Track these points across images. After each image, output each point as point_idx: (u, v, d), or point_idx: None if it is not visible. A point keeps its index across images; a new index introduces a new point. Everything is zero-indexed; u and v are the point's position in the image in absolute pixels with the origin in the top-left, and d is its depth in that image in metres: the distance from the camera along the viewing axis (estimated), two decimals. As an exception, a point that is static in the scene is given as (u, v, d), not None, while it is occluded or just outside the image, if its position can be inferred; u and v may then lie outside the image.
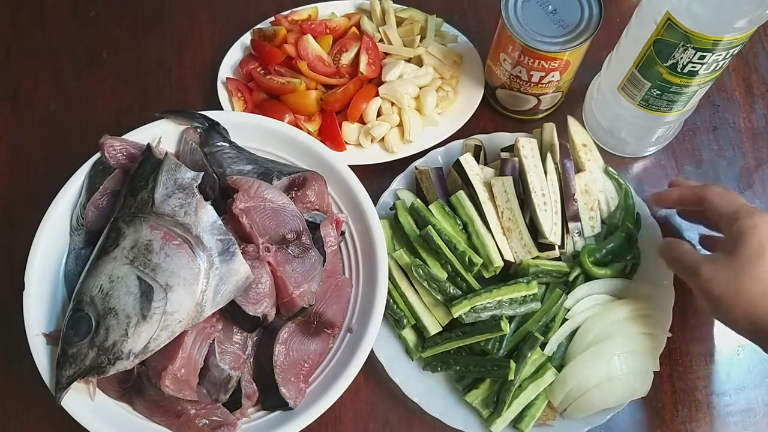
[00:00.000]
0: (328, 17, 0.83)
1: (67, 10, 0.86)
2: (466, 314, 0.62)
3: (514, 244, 0.66)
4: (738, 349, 0.70)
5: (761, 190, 0.78)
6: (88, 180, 0.64)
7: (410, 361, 0.66)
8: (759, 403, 0.68)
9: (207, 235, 0.57)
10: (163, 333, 0.54)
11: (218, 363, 0.58)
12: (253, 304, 0.58)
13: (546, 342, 0.64)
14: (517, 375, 0.61)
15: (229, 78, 0.79)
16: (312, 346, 0.62)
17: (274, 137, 0.68)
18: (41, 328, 0.59)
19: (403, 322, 0.65)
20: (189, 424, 0.58)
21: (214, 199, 0.62)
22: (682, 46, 0.60)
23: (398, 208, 0.69)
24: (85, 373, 0.54)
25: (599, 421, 0.63)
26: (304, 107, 0.76)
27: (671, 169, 0.78)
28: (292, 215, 0.63)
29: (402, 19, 0.82)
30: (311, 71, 0.77)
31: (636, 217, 0.70)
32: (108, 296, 0.55)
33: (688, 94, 0.66)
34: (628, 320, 0.65)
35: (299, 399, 0.60)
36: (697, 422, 0.67)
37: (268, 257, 0.60)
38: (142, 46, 0.84)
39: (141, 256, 0.55)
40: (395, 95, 0.75)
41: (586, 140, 0.73)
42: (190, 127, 0.67)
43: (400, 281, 0.66)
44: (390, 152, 0.76)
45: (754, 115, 0.81)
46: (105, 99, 0.81)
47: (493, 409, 0.62)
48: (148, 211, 0.58)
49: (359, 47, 0.78)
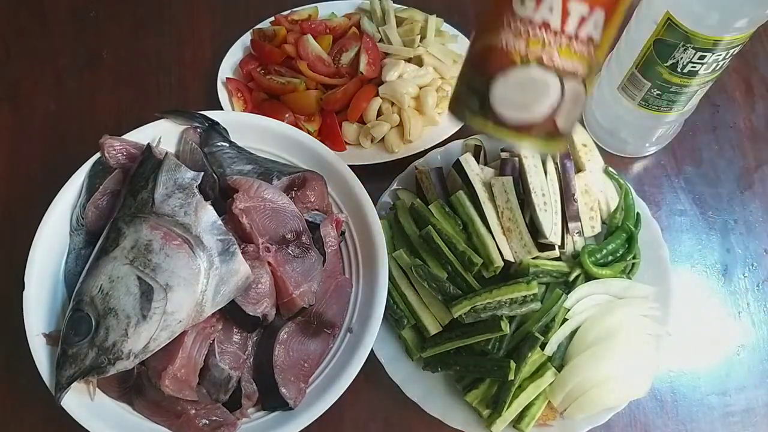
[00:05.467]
0: (328, 17, 0.83)
1: (67, 10, 0.86)
2: (466, 314, 0.62)
3: (514, 244, 0.66)
4: (738, 349, 0.70)
5: (761, 190, 0.78)
6: (88, 180, 0.64)
7: (410, 361, 0.66)
8: (759, 403, 0.68)
9: (207, 235, 0.57)
10: (163, 333, 0.54)
11: (218, 363, 0.58)
12: (253, 304, 0.58)
13: (546, 342, 0.64)
14: (517, 375, 0.61)
15: (229, 78, 0.79)
16: (312, 346, 0.62)
17: (274, 137, 0.68)
18: (41, 328, 0.59)
19: (403, 322, 0.65)
20: (189, 424, 0.58)
21: (214, 199, 0.62)
22: (682, 46, 0.60)
23: (398, 208, 0.69)
24: (85, 373, 0.54)
25: (599, 421, 0.63)
26: (304, 107, 0.76)
27: (671, 169, 0.78)
28: (292, 215, 0.63)
29: (402, 19, 0.82)
30: (311, 71, 0.77)
31: (636, 217, 0.70)
32: (108, 296, 0.55)
33: (688, 94, 0.66)
34: (628, 320, 0.65)
35: (299, 399, 0.60)
36: (697, 422, 0.67)
37: (268, 257, 0.60)
38: (142, 46, 0.84)
39: (141, 256, 0.55)
40: (395, 95, 0.75)
41: (586, 140, 0.73)
42: (190, 127, 0.67)
43: (400, 281, 0.66)
44: (390, 152, 0.76)
45: (754, 115, 0.81)
46: (105, 99, 0.81)
47: (493, 409, 0.62)
48: (148, 211, 0.58)
49: (359, 47, 0.78)
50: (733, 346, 0.70)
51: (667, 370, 0.69)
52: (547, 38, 0.44)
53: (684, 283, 0.73)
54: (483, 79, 0.46)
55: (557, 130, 0.47)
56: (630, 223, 0.69)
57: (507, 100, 0.45)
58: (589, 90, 0.47)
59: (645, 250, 0.69)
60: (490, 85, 0.45)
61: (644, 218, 0.70)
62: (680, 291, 0.70)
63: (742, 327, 0.72)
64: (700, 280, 0.74)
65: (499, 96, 0.46)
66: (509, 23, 0.45)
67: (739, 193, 0.77)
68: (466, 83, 0.48)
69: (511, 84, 0.45)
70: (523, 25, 0.44)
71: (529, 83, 0.45)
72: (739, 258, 0.75)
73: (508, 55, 0.45)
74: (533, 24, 0.44)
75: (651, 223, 0.70)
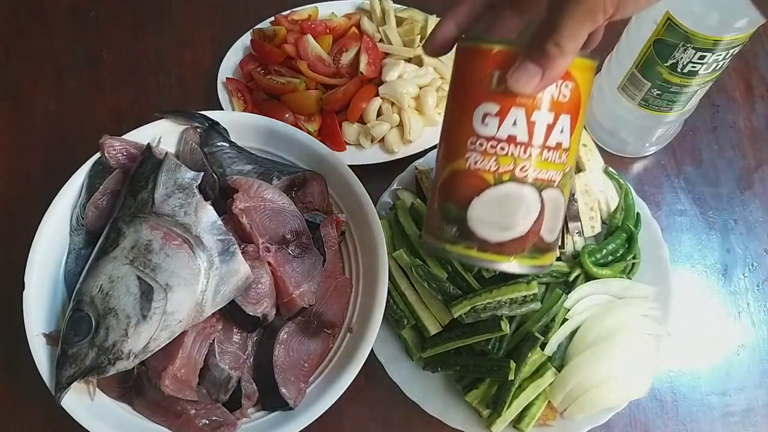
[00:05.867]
0: (328, 17, 0.83)
1: (67, 10, 0.86)
2: (466, 314, 0.62)
3: (514, 244, 0.66)
4: (738, 349, 0.70)
5: (761, 190, 0.78)
6: (88, 180, 0.64)
7: (410, 361, 0.66)
8: (759, 403, 0.68)
9: (207, 235, 0.57)
10: (163, 333, 0.54)
11: (218, 363, 0.58)
12: (253, 304, 0.58)
13: (546, 342, 0.64)
14: (517, 375, 0.61)
15: (229, 78, 0.79)
16: (312, 346, 0.62)
17: (274, 137, 0.68)
18: (41, 328, 0.59)
19: (403, 322, 0.65)
20: (189, 424, 0.58)
21: (214, 199, 0.62)
22: (682, 46, 0.60)
23: (398, 208, 0.69)
24: (85, 373, 0.54)
25: (599, 420, 0.63)
26: (304, 107, 0.76)
27: (671, 169, 0.78)
28: (292, 215, 0.63)
29: (402, 19, 0.82)
30: (311, 71, 0.77)
31: (636, 217, 0.70)
32: (108, 296, 0.55)
33: (688, 94, 0.66)
34: (628, 320, 0.65)
35: (299, 399, 0.60)
36: (697, 422, 0.68)
37: (268, 257, 0.60)
38: (142, 45, 0.84)
39: (141, 256, 0.55)
40: (395, 95, 0.76)
41: (586, 140, 0.73)
42: (190, 127, 0.67)
43: (400, 281, 0.66)
44: (390, 152, 0.76)
45: (754, 115, 0.81)
46: (105, 99, 0.81)
47: (493, 409, 0.62)
48: (148, 211, 0.58)
49: (359, 47, 0.78)
50: (733, 346, 0.70)
51: (667, 370, 0.69)
52: (516, 152, 0.43)
53: (684, 283, 0.73)
54: (457, 206, 0.45)
55: (544, 242, 0.46)
56: (630, 223, 0.69)
57: (487, 221, 0.44)
58: (566, 195, 0.46)
59: (645, 250, 0.69)
60: (467, 210, 0.44)
61: (644, 218, 0.70)
62: (680, 291, 0.69)
63: (742, 327, 0.72)
64: (700, 280, 0.74)
65: (478, 219, 0.44)
66: (474, 145, 0.44)
67: (739, 193, 0.77)
68: (439, 215, 0.47)
69: (489, 205, 0.44)
70: (489, 143, 0.43)
71: (507, 201, 0.44)
72: (739, 258, 0.75)
73: (481, 176, 0.44)
74: (500, 141, 0.43)
75: (651, 223, 0.70)
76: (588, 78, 0.44)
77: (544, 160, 0.44)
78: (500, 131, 0.43)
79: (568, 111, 0.44)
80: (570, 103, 0.43)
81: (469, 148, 0.44)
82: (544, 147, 0.43)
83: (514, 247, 0.45)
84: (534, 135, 0.43)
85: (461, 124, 0.44)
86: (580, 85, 0.43)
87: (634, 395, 0.63)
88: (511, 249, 0.45)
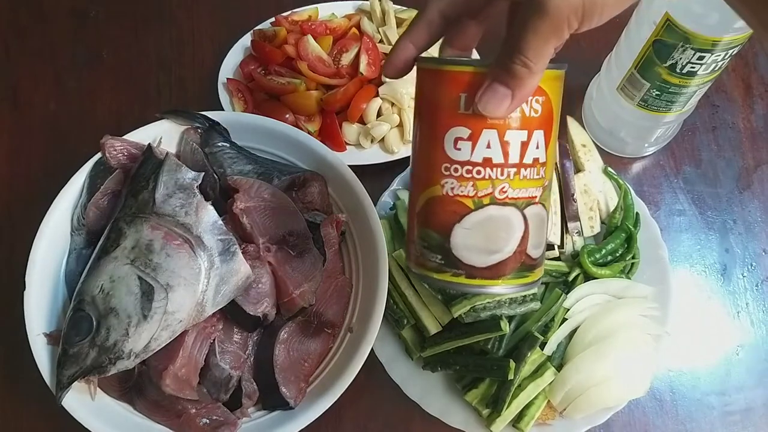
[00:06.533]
0: (329, 18, 0.83)
1: (67, 10, 0.86)
2: (466, 314, 0.62)
3: (513, 244, 0.66)
4: (737, 348, 0.71)
5: (760, 190, 0.78)
6: (89, 180, 0.64)
7: (410, 361, 0.66)
8: (758, 402, 0.68)
9: (207, 235, 0.57)
10: (164, 333, 0.54)
11: (219, 362, 0.58)
12: (253, 303, 0.58)
13: (546, 342, 0.64)
14: (516, 374, 0.61)
15: (229, 78, 0.79)
16: (312, 346, 0.62)
17: (275, 137, 0.69)
18: (42, 327, 0.59)
19: (403, 322, 0.65)
20: (189, 424, 0.58)
21: (214, 199, 0.62)
22: (682, 47, 0.60)
23: (398, 208, 0.69)
24: (86, 372, 0.54)
25: (599, 420, 0.63)
26: (305, 108, 0.76)
27: (670, 169, 0.78)
28: (292, 215, 0.63)
29: (402, 20, 0.82)
30: (311, 72, 0.77)
31: (635, 217, 0.70)
32: (109, 296, 0.55)
33: (687, 94, 0.66)
34: (628, 320, 0.65)
35: (299, 398, 0.60)
36: (696, 422, 0.68)
37: (268, 257, 0.60)
38: (142, 46, 0.84)
39: (142, 256, 0.56)
40: (395, 95, 0.76)
41: (586, 140, 0.73)
42: (190, 128, 0.67)
43: (400, 281, 0.66)
44: (390, 152, 0.76)
45: (754, 115, 0.81)
46: (105, 99, 0.81)
47: (493, 409, 0.62)
48: (148, 212, 0.58)
49: (359, 48, 0.78)
50: (732, 346, 0.71)
51: (667, 370, 0.69)
52: (494, 174, 0.42)
53: (683, 283, 0.73)
54: (439, 234, 0.44)
55: (531, 258, 0.45)
56: (629, 223, 0.69)
57: (472, 247, 0.44)
58: (548, 207, 0.46)
59: (644, 250, 0.69)
60: (449, 237, 0.44)
61: (643, 218, 0.70)
62: (679, 291, 0.70)
63: (741, 327, 0.72)
64: (699, 280, 0.74)
65: (463, 246, 0.44)
66: (450, 170, 0.43)
67: (738, 193, 0.78)
68: (420, 244, 0.46)
69: (472, 230, 0.43)
70: (464, 168, 0.42)
71: (490, 224, 0.43)
72: (738, 258, 0.75)
73: (460, 201, 0.43)
74: (475, 165, 0.42)
75: (650, 223, 0.70)
76: (557, 88, 0.43)
77: (523, 178, 0.43)
78: (474, 155, 0.42)
79: (540, 126, 0.42)
80: (542, 118, 0.42)
81: (444, 174, 0.43)
82: (521, 165, 0.42)
83: (503, 268, 0.44)
84: (510, 155, 0.42)
85: (433, 149, 0.43)
86: (551, 98, 0.42)
87: (633, 395, 0.63)
88: (501, 271, 0.44)
